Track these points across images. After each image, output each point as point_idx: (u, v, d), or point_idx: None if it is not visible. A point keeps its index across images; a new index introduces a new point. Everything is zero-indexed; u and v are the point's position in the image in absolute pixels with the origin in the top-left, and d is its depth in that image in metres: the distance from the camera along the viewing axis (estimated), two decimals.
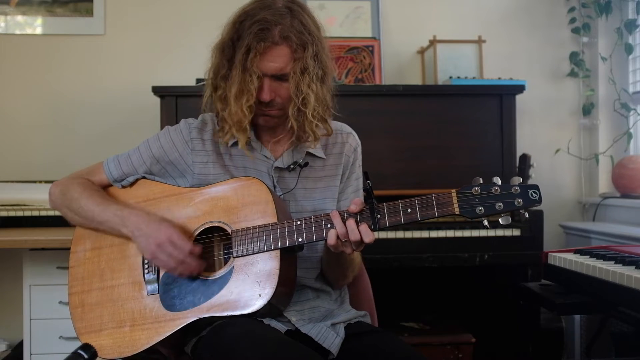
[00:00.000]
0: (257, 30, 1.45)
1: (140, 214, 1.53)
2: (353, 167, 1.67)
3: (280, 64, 1.48)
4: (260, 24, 1.45)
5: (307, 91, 1.49)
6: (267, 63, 1.47)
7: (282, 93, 1.51)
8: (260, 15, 1.46)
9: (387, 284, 2.31)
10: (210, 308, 1.44)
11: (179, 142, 1.61)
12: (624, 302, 1.74)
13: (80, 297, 1.58)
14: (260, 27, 1.45)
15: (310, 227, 1.43)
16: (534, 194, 1.32)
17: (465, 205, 1.33)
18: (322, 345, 1.47)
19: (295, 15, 1.49)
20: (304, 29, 1.49)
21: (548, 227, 2.72)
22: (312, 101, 1.50)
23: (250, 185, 1.50)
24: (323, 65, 1.52)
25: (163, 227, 1.48)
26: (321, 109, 1.53)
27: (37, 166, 3.01)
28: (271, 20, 1.46)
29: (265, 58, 1.46)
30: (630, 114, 3.03)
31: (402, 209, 1.37)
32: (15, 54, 3.08)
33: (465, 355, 2.51)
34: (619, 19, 3.03)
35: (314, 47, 1.49)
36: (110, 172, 1.64)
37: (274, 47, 1.46)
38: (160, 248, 1.46)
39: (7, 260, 2.92)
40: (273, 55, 1.47)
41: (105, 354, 1.51)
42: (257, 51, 1.45)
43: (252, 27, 1.45)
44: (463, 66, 2.97)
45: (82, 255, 1.62)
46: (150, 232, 1.48)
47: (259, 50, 1.45)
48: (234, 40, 1.49)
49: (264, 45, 1.45)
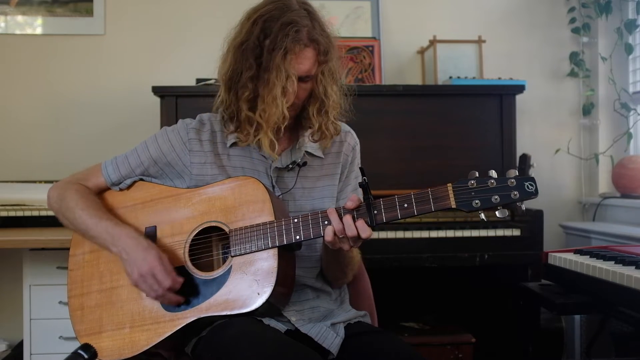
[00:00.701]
0: (294, 32, 1.45)
1: (130, 236, 1.52)
2: (352, 165, 1.67)
3: (308, 66, 1.49)
4: (294, 26, 1.46)
5: (330, 92, 1.53)
6: (298, 65, 1.48)
7: (301, 94, 1.53)
8: (289, 17, 1.47)
9: (387, 284, 2.31)
10: (209, 308, 1.44)
11: (176, 143, 1.61)
12: (624, 302, 1.74)
13: (79, 300, 1.59)
14: (295, 29, 1.46)
15: (308, 225, 1.43)
16: (530, 186, 1.32)
17: (462, 198, 1.34)
18: (322, 345, 1.47)
19: (314, 18, 1.51)
20: (324, 31, 1.52)
21: (548, 227, 2.71)
22: (333, 102, 1.54)
23: (247, 184, 1.50)
24: (339, 69, 1.56)
25: (148, 257, 1.47)
26: (336, 108, 1.57)
27: (37, 166, 3.01)
28: (299, 22, 1.47)
29: (297, 60, 1.48)
30: (630, 114, 3.03)
31: (398, 204, 1.37)
32: (15, 54, 3.08)
33: (465, 355, 2.51)
34: (619, 19, 3.03)
35: (333, 50, 1.53)
36: (108, 175, 1.63)
37: (305, 49, 1.48)
38: (142, 278, 1.47)
39: (7, 260, 2.92)
40: (302, 57, 1.48)
41: (105, 355, 1.51)
42: (294, 53, 1.46)
43: (286, 29, 1.45)
44: (463, 66, 2.97)
45: (81, 258, 1.62)
46: (135, 260, 1.48)
47: (295, 52, 1.46)
48: (260, 40, 1.48)
49: (298, 48, 1.46)
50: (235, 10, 1.57)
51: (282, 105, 1.47)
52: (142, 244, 1.50)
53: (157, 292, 1.46)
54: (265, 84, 1.47)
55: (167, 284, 1.46)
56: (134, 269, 1.48)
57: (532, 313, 2.36)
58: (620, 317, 1.96)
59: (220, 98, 1.56)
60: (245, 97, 1.50)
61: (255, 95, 1.49)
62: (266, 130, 1.49)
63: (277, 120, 1.48)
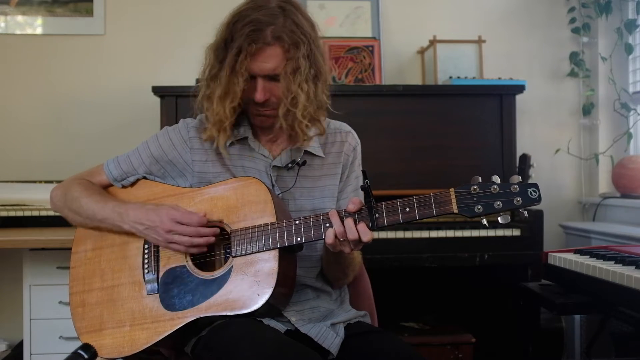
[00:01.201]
0: (249, 32, 1.44)
1: (137, 208, 1.53)
2: (352, 166, 1.67)
3: (273, 65, 1.47)
4: (252, 25, 1.45)
5: (297, 91, 1.48)
6: (260, 64, 1.47)
7: (277, 93, 1.50)
8: (253, 16, 1.46)
9: (387, 284, 2.31)
10: (210, 307, 1.44)
11: (177, 141, 1.61)
12: (624, 302, 1.74)
13: (81, 297, 1.59)
14: (252, 29, 1.45)
15: (309, 227, 1.43)
16: (533, 192, 1.32)
17: (464, 204, 1.33)
18: (322, 345, 1.47)
19: (288, 15, 1.48)
20: (297, 29, 1.48)
21: (548, 227, 2.72)
22: (302, 101, 1.48)
23: (249, 185, 1.50)
24: (317, 64, 1.51)
25: (162, 212, 1.48)
26: (312, 108, 1.51)
27: (37, 166, 3.01)
28: (263, 20, 1.45)
29: (257, 59, 1.46)
30: (630, 114, 3.03)
31: (400, 208, 1.37)
32: (15, 54, 3.08)
33: (465, 355, 2.51)
34: (619, 19, 3.03)
35: (306, 47, 1.48)
36: (110, 172, 1.64)
37: (266, 47, 1.46)
38: (170, 233, 1.47)
39: (7, 260, 2.92)
40: (265, 55, 1.46)
41: (105, 353, 1.51)
42: (247, 53, 1.45)
43: (244, 28, 1.45)
44: (463, 66, 2.97)
45: (83, 255, 1.62)
46: (154, 223, 1.48)
47: (249, 52, 1.45)
48: (227, 41, 1.48)
49: (255, 47, 1.45)
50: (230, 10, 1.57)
51: (225, 105, 1.48)
52: (150, 208, 1.51)
53: (192, 233, 1.46)
54: (218, 82, 1.49)
55: (195, 219, 1.46)
56: (158, 230, 1.48)
57: (532, 313, 2.36)
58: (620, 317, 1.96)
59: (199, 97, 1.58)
60: (206, 94, 1.53)
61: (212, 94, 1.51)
62: (217, 130, 1.51)
63: (222, 120, 1.49)
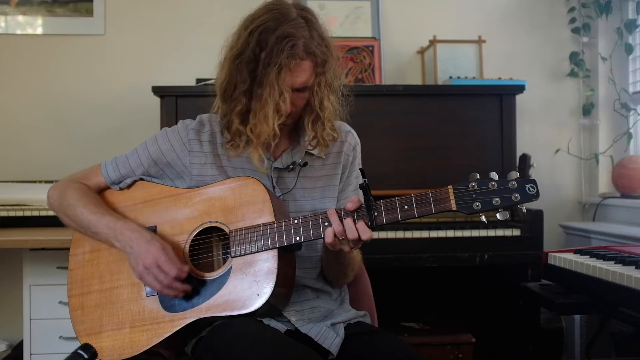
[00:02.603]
0: (289, 48, 1.44)
1: (133, 230, 1.52)
2: (352, 165, 1.67)
3: (305, 78, 1.48)
4: (289, 40, 1.44)
5: (327, 104, 1.52)
6: (294, 78, 1.47)
7: (298, 103, 1.52)
8: (285, 30, 1.45)
9: (387, 284, 2.31)
10: (209, 308, 1.44)
11: (176, 143, 1.61)
12: (624, 302, 1.74)
13: (79, 300, 1.59)
14: (291, 44, 1.44)
15: (308, 226, 1.43)
16: (531, 188, 1.32)
17: (462, 201, 1.33)
18: (322, 345, 1.47)
19: (312, 27, 1.49)
20: (322, 42, 1.50)
21: (548, 227, 2.71)
22: (330, 113, 1.54)
23: (247, 185, 1.50)
24: (337, 75, 1.55)
25: (151, 249, 1.47)
26: (333, 117, 1.57)
27: (37, 166, 3.01)
28: (296, 34, 1.45)
29: (293, 74, 1.47)
30: (630, 114, 3.03)
31: (399, 205, 1.37)
32: (15, 54, 3.08)
33: (465, 355, 2.51)
34: (619, 19, 3.03)
35: (331, 58, 1.52)
36: (108, 174, 1.64)
37: (300, 62, 1.47)
38: (146, 270, 1.46)
39: (7, 260, 2.92)
40: (299, 70, 1.47)
41: (105, 355, 1.51)
42: (288, 69, 1.45)
43: (281, 43, 1.44)
44: (463, 66, 2.96)
45: (81, 258, 1.62)
46: (139, 253, 1.48)
47: (290, 68, 1.45)
48: (256, 53, 1.46)
49: (294, 63, 1.45)
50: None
51: (273, 123, 1.46)
52: (145, 237, 1.50)
53: (163, 282, 1.45)
54: (258, 99, 1.46)
55: (173, 272, 1.45)
56: (138, 261, 1.47)
57: (532, 313, 2.36)
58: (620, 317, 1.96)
59: (217, 106, 1.56)
60: (238, 110, 1.50)
61: (248, 109, 1.49)
62: (256, 146, 1.50)
63: (268, 137, 1.48)
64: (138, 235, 1.50)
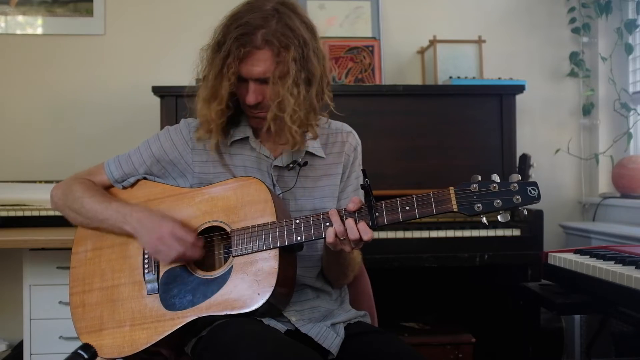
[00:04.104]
0: (238, 35, 1.44)
1: (142, 210, 1.54)
2: (353, 166, 1.67)
3: (262, 68, 1.47)
4: (242, 29, 1.44)
5: (286, 95, 1.46)
6: (249, 67, 1.47)
7: (264, 94, 1.51)
8: (245, 19, 1.46)
9: (387, 284, 2.31)
10: (210, 307, 1.44)
11: (178, 141, 1.61)
12: (624, 302, 1.74)
13: (81, 297, 1.59)
14: (241, 32, 1.44)
15: (309, 226, 1.43)
16: (533, 191, 1.32)
17: (464, 202, 1.33)
18: (322, 345, 1.47)
19: (282, 18, 1.47)
20: (289, 32, 1.46)
21: (548, 227, 2.72)
22: (291, 105, 1.46)
23: (249, 184, 1.50)
24: (309, 68, 1.49)
25: (165, 222, 1.49)
26: (302, 113, 1.49)
27: (37, 166, 3.01)
28: (254, 24, 1.45)
29: (247, 63, 1.46)
30: (630, 114, 3.03)
31: (400, 206, 1.37)
32: (15, 54, 3.08)
33: (465, 355, 2.51)
34: (619, 19, 3.03)
35: (298, 50, 1.46)
36: (111, 173, 1.64)
37: (256, 51, 1.45)
38: (160, 240, 1.47)
39: (7, 260, 2.92)
40: (254, 59, 1.46)
41: (105, 353, 1.51)
42: (236, 56, 1.45)
43: (234, 31, 1.45)
44: (463, 66, 2.97)
45: (83, 256, 1.62)
46: (151, 227, 1.49)
47: (238, 56, 1.45)
48: (219, 43, 1.49)
49: (244, 51, 1.44)
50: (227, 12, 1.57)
51: (211, 107, 1.48)
52: (155, 214, 1.52)
53: (179, 250, 1.46)
54: (205, 85, 1.50)
55: (189, 238, 1.46)
56: (152, 234, 1.48)
57: (532, 313, 2.36)
58: (620, 317, 1.96)
59: None
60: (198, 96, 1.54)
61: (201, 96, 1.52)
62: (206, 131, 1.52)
63: (208, 122, 1.50)
64: (148, 214, 1.52)
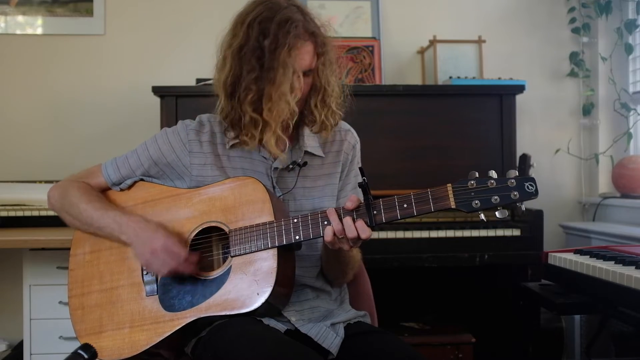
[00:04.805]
0: (293, 28, 1.46)
1: (138, 221, 1.53)
2: (352, 164, 1.67)
3: (308, 61, 1.50)
4: (292, 23, 1.47)
5: (333, 82, 1.55)
6: (300, 61, 1.49)
7: (305, 88, 1.53)
8: (284, 15, 1.47)
9: (387, 284, 2.31)
10: (209, 307, 1.44)
11: (176, 144, 1.61)
12: (624, 302, 1.74)
13: (80, 300, 1.59)
14: (294, 25, 1.47)
15: (307, 225, 1.43)
16: (530, 186, 1.32)
17: (461, 199, 1.34)
18: (322, 345, 1.47)
19: (304, 12, 1.53)
20: (316, 24, 1.53)
21: (548, 227, 2.71)
22: (335, 91, 1.57)
23: (247, 184, 1.50)
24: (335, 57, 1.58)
25: (159, 235, 1.48)
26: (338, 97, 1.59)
27: (37, 166, 3.01)
28: (294, 17, 1.48)
29: (299, 56, 1.48)
30: (630, 114, 3.03)
31: (398, 204, 1.38)
32: (15, 54, 3.08)
33: (465, 355, 2.51)
34: (619, 19, 3.03)
35: (328, 41, 1.54)
36: (108, 176, 1.64)
37: (305, 43, 1.49)
38: (154, 255, 1.47)
39: (7, 260, 2.92)
40: (303, 52, 1.49)
41: (105, 355, 1.51)
42: (297, 49, 1.47)
43: (285, 26, 1.46)
44: (463, 66, 2.96)
45: (81, 258, 1.62)
46: (146, 239, 1.49)
47: (297, 47, 1.47)
48: (260, 41, 1.47)
49: (300, 43, 1.47)
50: (235, 10, 1.56)
51: (291, 101, 1.47)
52: (151, 226, 1.51)
53: (171, 265, 1.46)
54: (271, 82, 1.46)
55: (183, 253, 1.46)
56: (146, 247, 1.48)
57: (532, 313, 2.36)
58: (620, 317, 1.97)
59: (221, 106, 1.55)
60: (249, 99, 1.48)
61: (260, 96, 1.48)
62: (274, 129, 1.48)
63: (287, 117, 1.48)
64: (144, 225, 1.52)
